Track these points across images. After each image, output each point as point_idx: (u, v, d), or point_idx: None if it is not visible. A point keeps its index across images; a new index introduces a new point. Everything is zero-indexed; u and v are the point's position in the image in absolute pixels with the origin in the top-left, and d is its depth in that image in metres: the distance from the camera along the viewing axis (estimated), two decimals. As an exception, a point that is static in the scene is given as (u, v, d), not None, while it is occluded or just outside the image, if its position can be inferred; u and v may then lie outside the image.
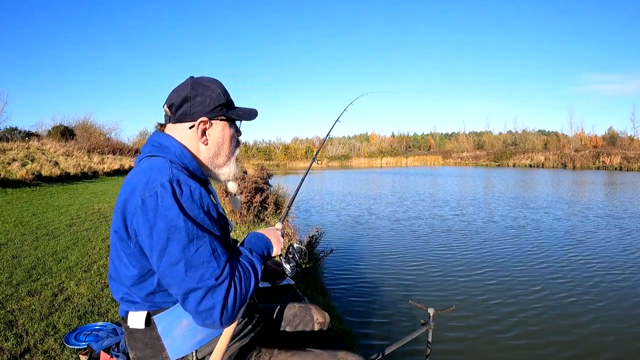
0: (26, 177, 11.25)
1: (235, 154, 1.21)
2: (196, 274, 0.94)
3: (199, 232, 0.96)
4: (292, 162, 56.64)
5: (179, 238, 0.93)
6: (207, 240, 0.97)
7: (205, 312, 0.95)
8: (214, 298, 0.95)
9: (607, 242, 6.60)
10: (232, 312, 0.97)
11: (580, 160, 36.10)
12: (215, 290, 0.95)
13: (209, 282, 0.94)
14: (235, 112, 1.17)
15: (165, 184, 0.96)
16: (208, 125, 1.12)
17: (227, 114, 1.15)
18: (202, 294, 0.94)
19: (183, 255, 0.94)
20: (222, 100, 1.13)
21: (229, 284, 0.97)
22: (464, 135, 64.01)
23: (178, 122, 1.12)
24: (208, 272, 0.95)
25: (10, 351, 2.20)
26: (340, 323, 3.24)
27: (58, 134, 23.97)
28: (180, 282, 0.95)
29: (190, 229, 0.94)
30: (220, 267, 0.97)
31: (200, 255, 0.95)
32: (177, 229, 0.93)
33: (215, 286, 0.95)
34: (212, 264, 0.96)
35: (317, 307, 1.50)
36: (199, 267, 0.94)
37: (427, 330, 1.87)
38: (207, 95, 1.11)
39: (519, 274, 4.99)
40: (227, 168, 1.20)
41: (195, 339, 1.08)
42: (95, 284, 3.38)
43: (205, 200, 1.01)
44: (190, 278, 0.94)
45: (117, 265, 1.06)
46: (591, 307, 3.93)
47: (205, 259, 0.95)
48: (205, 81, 1.14)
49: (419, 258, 5.78)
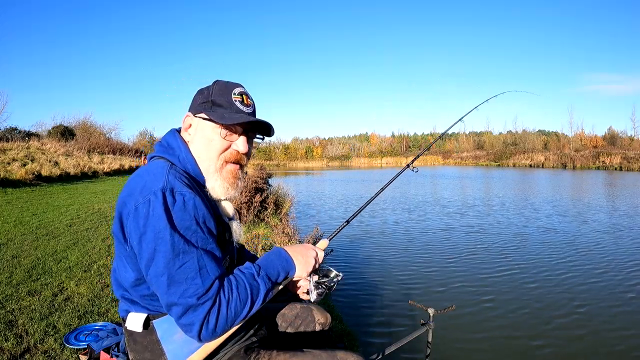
0: (26, 177, 11.24)
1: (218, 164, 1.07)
2: (178, 290, 0.91)
3: (186, 247, 0.92)
4: (292, 162, 56.64)
5: (165, 250, 0.91)
6: (194, 256, 0.93)
7: (185, 326, 0.94)
8: (194, 317, 0.91)
9: (610, 243, 6.60)
10: (212, 332, 0.94)
11: (580, 160, 36.08)
12: (196, 309, 0.91)
13: (189, 300, 0.91)
14: (215, 113, 1.05)
15: (158, 193, 0.93)
16: (191, 120, 1.09)
17: (209, 112, 1.06)
18: (182, 310, 0.92)
19: (167, 269, 0.91)
20: (209, 97, 1.07)
21: (212, 304, 0.92)
22: (464, 135, 63.99)
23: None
24: (190, 290, 0.91)
25: (10, 351, 2.19)
26: (340, 323, 3.23)
27: (58, 134, 23.99)
28: (163, 294, 0.93)
29: (176, 242, 0.91)
30: (205, 286, 0.92)
31: (185, 271, 0.91)
32: (164, 241, 0.91)
33: (195, 305, 0.91)
34: (197, 281, 0.91)
35: (319, 307, 1.50)
36: (182, 283, 0.91)
37: (427, 330, 1.86)
38: (204, 92, 1.09)
39: (519, 273, 4.99)
40: (211, 181, 1.08)
41: (195, 344, 1.06)
42: (95, 283, 3.38)
43: (200, 210, 0.96)
44: (172, 293, 0.91)
45: (118, 265, 1.07)
46: (591, 307, 3.93)
47: (190, 276, 0.91)
48: (220, 82, 1.11)
49: (419, 258, 5.78)
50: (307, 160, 58.79)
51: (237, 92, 1.09)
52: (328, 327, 1.48)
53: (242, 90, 1.11)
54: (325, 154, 60.89)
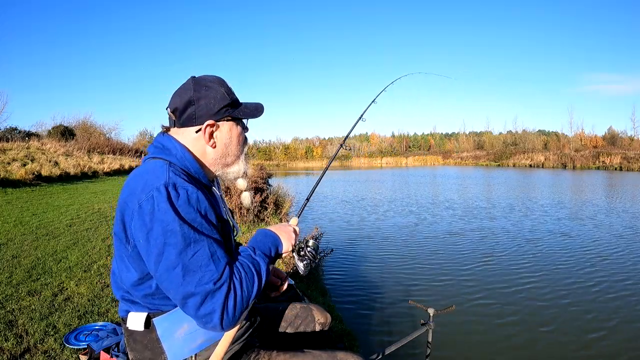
0: (26, 177, 11.23)
1: (244, 152, 1.19)
2: (194, 278, 0.92)
3: (196, 235, 0.94)
4: (292, 162, 56.65)
5: (176, 242, 0.92)
6: (205, 244, 0.95)
7: (205, 316, 0.93)
8: (214, 303, 0.92)
9: (613, 244, 6.60)
10: (233, 315, 0.95)
11: (580, 160, 36.06)
12: (214, 295, 0.92)
13: (207, 287, 0.92)
14: (241, 111, 1.14)
15: (161, 188, 0.94)
16: (215, 128, 1.09)
17: (233, 113, 1.12)
18: (201, 299, 0.92)
19: (180, 260, 0.92)
20: (227, 100, 1.09)
21: (228, 287, 0.94)
22: (464, 135, 63.99)
23: (183, 127, 1.09)
24: (206, 276, 0.92)
25: (10, 351, 2.19)
26: (340, 323, 3.23)
27: (58, 134, 23.96)
28: (178, 287, 0.93)
29: (186, 232, 0.93)
30: (219, 271, 0.94)
31: (198, 259, 0.93)
32: (174, 233, 0.92)
33: (213, 290, 0.92)
34: (211, 267, 0.93)
35: (319, 307, 1.50)
36: (197, 271, 0.92)
37: (427, 330, 1.87)
38: (212, 96, 1.08)
39: (519, 273, 4.99)
40: (236, 166, 1.18)
41: (195, 343, 1.07)
42: (95, 283, 3.38)
43: (203, 204, 0.99)
44: (188, 283, 0.92)
45: (119, 266, 1.07)
46: (591, 307, 3.93)
47: (204, 263, 0.93)
48: (208, 81, 1.10)
49: (419, 258, 5.78)
50: (307, 160, 58.77)
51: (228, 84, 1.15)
52: (328, 327, 1.48)
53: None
54: (325, 154, 60.89)
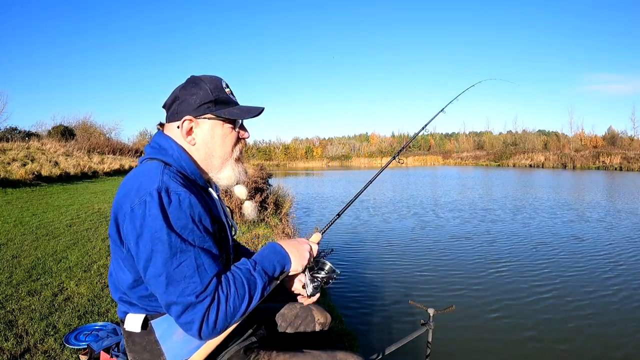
0: (26, 177, 11.23)
1: (234, 156, 1.14)
2: (177, 289, 0.92)
3: (183, 245, 0.93)
4: (292, 162, 56.64)
5: (162, 250, 0.91)
6: (191, 255, 0.93)
7: (185, 325, 0.94)
8: (194, 314, 0.92)
9: (613, 245, 6.60)
10: (213, 328, 0.94)
11: (580, 160, 36.05)
12: (195, 307, 0.92)
13: (188, 299, 0.91)
14: (227, 111, 1.09)
15: (153, 193, 0.93)
16: (194, 125, 1.08)
17: (216, 111, 1.08)
18: (182, 309, 0.92)
19: (165, 269, 0.92)
20: (209, 97, 1.07)
21: (211, 301, 0.93)
22: (464, 135, 63.98)
23: (169, 122, 1.10)
24: (189, 288, 0.92)
25: (10, 351, 2.19)
26: (340, 323, 3.23)
27: (58, 134, 23.96)
28: (162, 294, 0.94)
29: (173, 242, 0.92)
30: (204, 284, 0.93)
31: (183, 269, 0.92)
32: (161, 241, 0.91)
33: (195, 303, 0.92)
34: (195, 279, 0.92)
35: (319, 307, 1.49)
36: (181, 281, 0.92)
37: (427, 330, 1.86)
38: (195, 92, 1.07)
39: (519, 274, 4.99)
40: (225, 171, 1.13)
41: (194, 344, 1.06)
42: (95, 283, 3.38)
43: (196, 209, 0.97)
44: (171, 292, 0.92)
45: (115, 267, 1.06)
46: (592, 307, 3.93)
47: (188, 274, 0.92)
48: (200, 79, 1.09)
49: (419, 258, 5.78)
50: (307, 160, 58.76)
51: (224, 85, 1.12)
52: (328, 327, 1.48)
53: (226, 82, 1.14)
54: (325, 154, 60.89)
